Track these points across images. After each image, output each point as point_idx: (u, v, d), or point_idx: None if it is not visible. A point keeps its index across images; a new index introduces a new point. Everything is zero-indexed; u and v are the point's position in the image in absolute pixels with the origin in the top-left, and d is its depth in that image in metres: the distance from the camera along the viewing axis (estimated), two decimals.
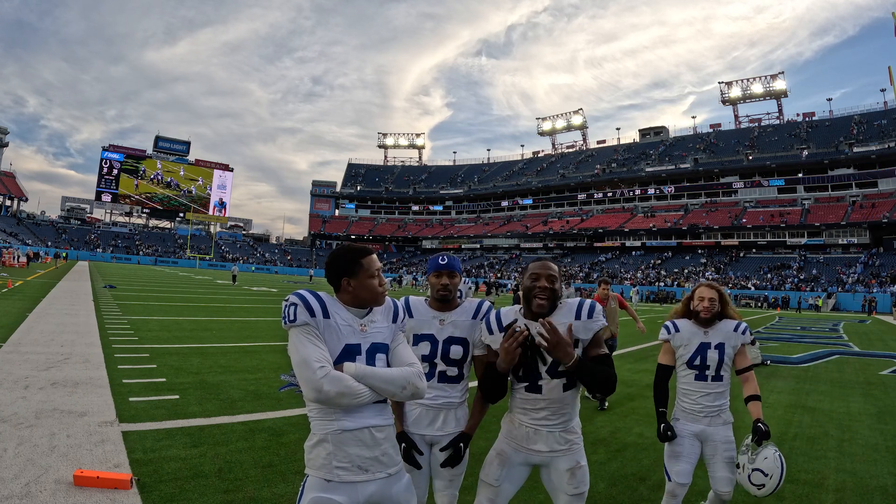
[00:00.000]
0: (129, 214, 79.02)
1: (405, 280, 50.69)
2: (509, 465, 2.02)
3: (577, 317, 1.96)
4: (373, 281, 1.71)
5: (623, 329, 11.82)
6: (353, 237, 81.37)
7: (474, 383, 2.01)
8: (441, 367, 2.14)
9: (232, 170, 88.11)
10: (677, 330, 2.71)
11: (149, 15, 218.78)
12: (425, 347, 2.17)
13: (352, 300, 1.71)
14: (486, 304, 2.27)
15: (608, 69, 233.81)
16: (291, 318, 1.62)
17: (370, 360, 1.67)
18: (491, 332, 2.04)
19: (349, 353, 1.65)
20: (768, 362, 9.54)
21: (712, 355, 2.60)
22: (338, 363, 1.61)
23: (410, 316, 2.24)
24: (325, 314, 1.65)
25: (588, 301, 2.02)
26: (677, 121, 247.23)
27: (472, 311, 2.21)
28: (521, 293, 2.03)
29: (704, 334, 2.66)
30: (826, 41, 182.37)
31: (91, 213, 78.34)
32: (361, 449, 1.59)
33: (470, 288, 13.62)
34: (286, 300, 1.65)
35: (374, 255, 1.76)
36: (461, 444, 2.07)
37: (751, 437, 2.51)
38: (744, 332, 2.66)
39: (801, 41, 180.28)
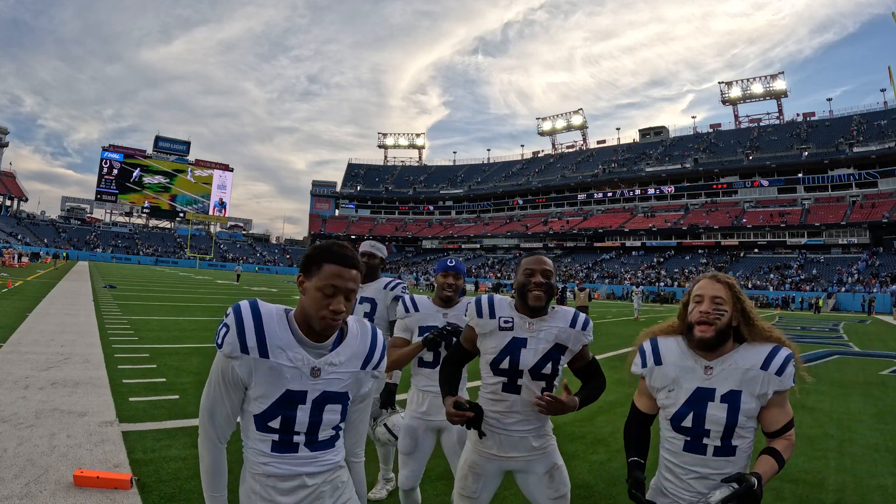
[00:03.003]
0: (129, 214, 79.03)
1: (406, 280, 50.89)
2: (484, 476, 1.91)
3: (572, 325, 1.88)
4: (318, 295, 1.32)
5: (624, 328, 11.83)
6: (353, 237, 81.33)
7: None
8: (444, 354, 2.41)
9: (232, 170, 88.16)
10: (657, 361, 1.60)
11: (144, 14, 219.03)
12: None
13: (301, 316, 1.37)
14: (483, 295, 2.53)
15: (606, 67, 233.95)
16: (218, 341, 1.33)
17: (316, 413, 1.35)
18: (480, 315, 1.92)
19: (289, 400, 1.33)
20: None
21: (715, 413, 1.49)
22: (273, 411, 1.33)
23: (416, 310, 2.53)
24: (263, 352, 1.30)
25: (583, 315, 1.93)
26: (676, 120, 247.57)
27: (464, 307, 2.51)
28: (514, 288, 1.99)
29: (705, 372, 1.52)
30: (826, 38, 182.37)
31: (91, 213, 78.40)
32: (288, 497, 1.36)
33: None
34: (226, 313, 1.34)
35: (347, 269, 1.34)
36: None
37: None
38: (781, 369, 1.47)
39: (801, 38, 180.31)
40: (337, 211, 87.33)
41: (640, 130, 75.31)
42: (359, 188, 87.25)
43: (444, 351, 2.46)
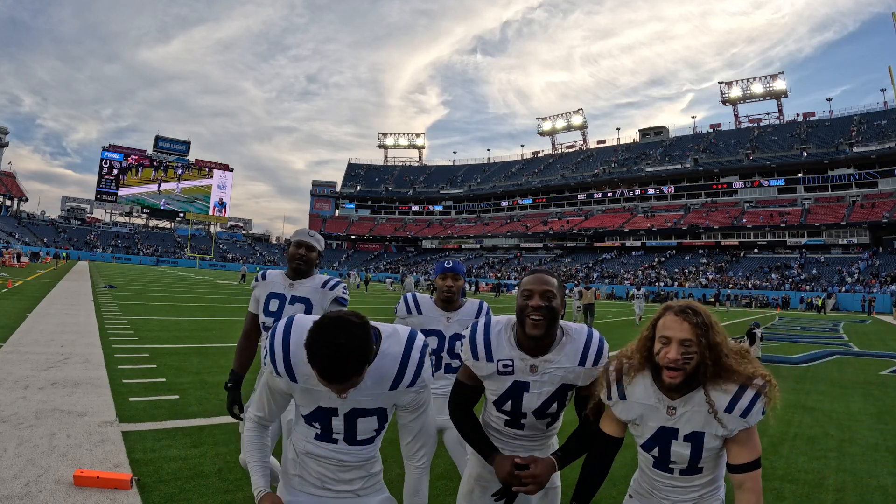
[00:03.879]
0: (129, 214, 79.05)
1: (408, 281, 49.62)
2: (490, 489, 1.85)
3: (581, 362, 1.64)
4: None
5: (625, 330, 11.82)
6: (353, 237, 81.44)
7: None
8: (447, 359, 2.46)
9: (232, 170, 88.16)
10: (622, 396, 1.55)
11: (142, 13, 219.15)
12: (433, 342, 2.45)
13: None
14: (486, 305, 2.54)
15: (605, 66, 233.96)
16: (264, 360, 1.51)
17: (350, 423, 1.48)
18: (476, 356, 1.70)
19: (323, 412, 1.48)
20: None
21: (679, 450, 1.50)
22: (313, 416, 1.50)
23: (419, 312, 2.52)
24: (293, 378, 1.44)
25: (596, 341, 1.67)
26: (676, 119, 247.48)
27: (474, 311, 2.52)
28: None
29: (668, 413, 1.49)
30: (826, 37, 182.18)
31: (91, 213, 78.41)
32: (321, 468, 1.54)
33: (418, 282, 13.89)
34: (272, 330, 1.49)
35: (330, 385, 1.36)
36: None
37: None
38: (746, 411, 1.42)
39: (801, 37, 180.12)
40: (337, 211, 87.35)
41: (640, 130, 75.36)
42: (359, 188, 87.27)
43: (445, 356, 2.43)
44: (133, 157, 79.46)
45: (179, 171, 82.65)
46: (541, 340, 1.62)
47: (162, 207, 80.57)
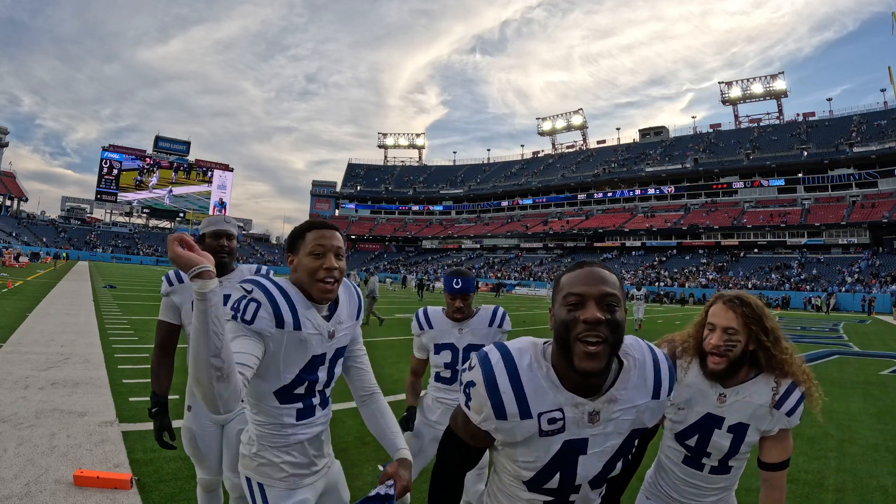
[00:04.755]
0: (128, 214, 79.05)
1: (372, 281, 46.41)
2: None
3: (656, 393, 1.12)
4: (310, 259, 1.38)
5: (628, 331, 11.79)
6: (353, 237, 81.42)
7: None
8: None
9: (232, 170, 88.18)
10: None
11: (140, 13, 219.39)
12: (447, 355, 2.35)
13: (299, 286, 1.43)
14: (501, 310, 2.42)
15: (604, 66, 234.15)
16: (247, 318, 1.30)
17: (331, 370, 1.50)
18: (502, 415, 1.06)
19: (313, 365, 1.43)
20: None
21: (720, 441, 1.48)
22: (300, 378, 1.41)
23: (430, 327, 2.40)
24: (297, 325, 1.36)
25: (665, 360, 1.15)
26: (676, 119, 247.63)
27: (487, 319, 2.37)
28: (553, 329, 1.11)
29: (719, 400, 1.48)
30: (826, 37, 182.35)
31: (91, 213, 78.41)
32: (304, 456, 1.50)
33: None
34: (243, 286, 1.34)
35: (329, 231, 1.42)
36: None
37: None
38: (793, 410, 1.44)
39: (801, 37, 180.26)
40: (337, 211, 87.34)
41: (640, 130, 75.36)
42: (359, 188, 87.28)
43: (461, 369, 2.30)
44: (135, 160, 79.42)
45: (174, 177, 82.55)
46: (595, 381, 1.05)
47: (167, 202, 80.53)
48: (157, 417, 2.17)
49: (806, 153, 54.05)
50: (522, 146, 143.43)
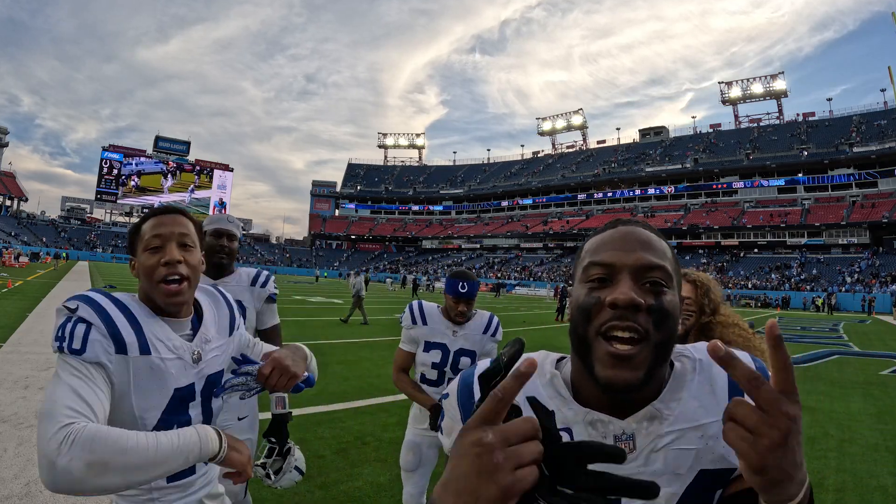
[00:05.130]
0: (128, 214, 79.06)
1: (354, 280, 44.13)
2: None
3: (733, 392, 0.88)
4: (146, 256, 1.10)
5: None
6: (352, 237, 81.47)
7: None
8: (450, 375, 2.25)
9: (232, 170, 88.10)
10: None
11: (140, 12, 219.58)
12: (436, 355, 2.25)
13: (144, 300, 1.12)
14: (496, 319, 2.36)
15: (604, 65, 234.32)
16: (76, 346, 0.97)
17: (206, 405, 1.16)
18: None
19: (181, 401, 1.09)
20: None
21: None
22: (164, 423, 1.06)
23: (424, 323, 2.28)
24: (144, 348, 1.03)
25: (745, 357, 0.73)
26: (676, 119, 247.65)
27: (482, 326, 2.30)
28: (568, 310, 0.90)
29: None
30: (826, 36, 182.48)
31: (91, 213, 78.43)
32: None
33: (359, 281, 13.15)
34: (66, 305, 1.04)
35: (166, 216, 1.15)
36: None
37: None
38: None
39: (801, 36, 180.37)
40: (337, 211, 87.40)
41: (640, 130, 75.42)
42: (359, 188, 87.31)
43: (449, 372, 2.22)
44: (158, 163, 79.42)
45: (169, 183, 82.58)
46: (633, 391, 0.67)
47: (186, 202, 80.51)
48: None
49: (806, 153, 54.07)
50: (522, 146, 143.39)
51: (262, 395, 2.00)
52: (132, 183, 78.07)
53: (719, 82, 67.83)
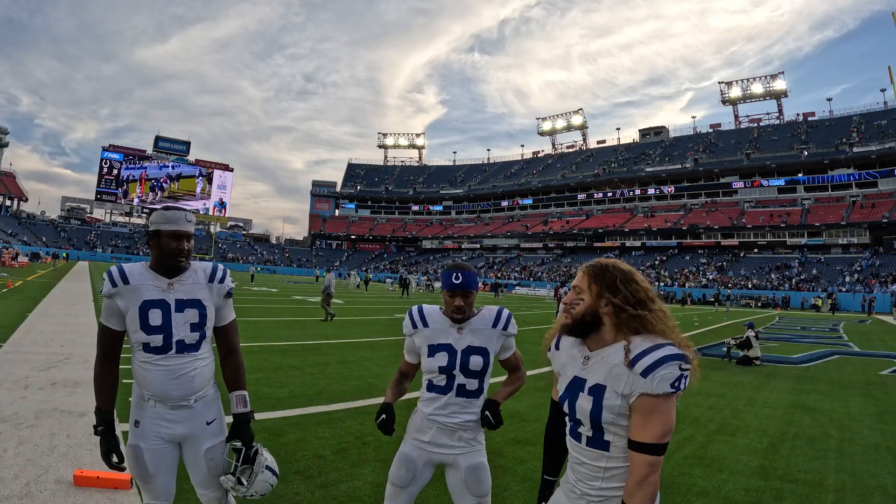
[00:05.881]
0: (128, 214, 79.05)
1: (413, 285, 40.43)
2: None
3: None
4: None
5: None
6: (353, 237, 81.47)
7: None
8: (460, 379, 1.97)
9: (232, 170, 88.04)
10: (556, 346, 1.61)
11: (138, 12, 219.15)
12: (443, 358, 1.98)
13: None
14: (506, 311, 2.08)
15: (603, 65, 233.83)
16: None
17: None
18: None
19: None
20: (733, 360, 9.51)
21: (583, 404, 1.43)
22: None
23: (425, 325, 2.05)
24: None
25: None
26: (675, 118, 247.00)
27: (491, 319, 2.04)
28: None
29: (583, 362, 1.48)
30: (826, 35, 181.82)
31: (91, 213, 78.41)
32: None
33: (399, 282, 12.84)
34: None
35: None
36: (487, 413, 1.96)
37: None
38: (648, 370, 1.30)
39: (801, 35, 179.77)
40: (337, 211, 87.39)
41: (639, 130, 75.42)
42: (359, 188, 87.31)
43: (459, 375, 1.98)
44: (177, 166, 79.40)
45: (166, 187, 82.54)
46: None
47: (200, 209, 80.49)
48: (106, 437, 1.87)
49: (806, 153, 54.07)
50: (522, 146, 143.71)
51: (225, 398, 1.99)
52: (149, 185, 77.94)
53: (719, 82, 67.91)
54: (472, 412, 1.97)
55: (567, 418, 1.52)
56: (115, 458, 1.87)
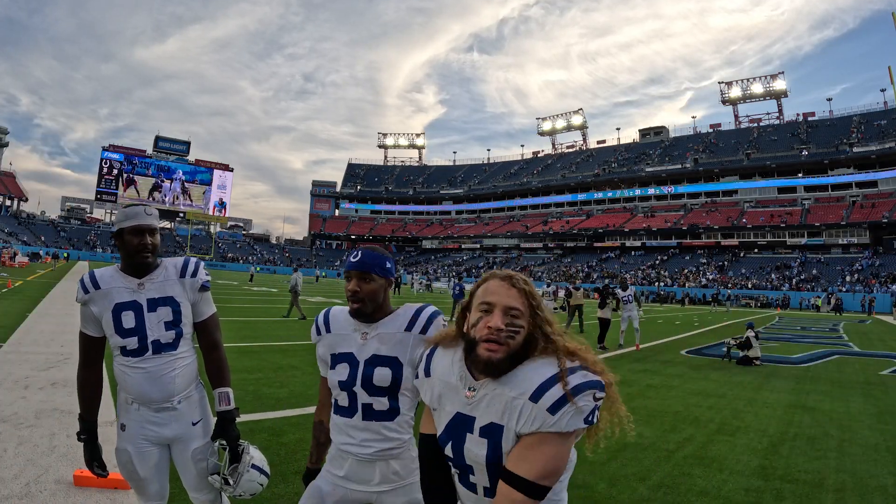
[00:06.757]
0: None
1: (416, 286, 40.40)
2: None
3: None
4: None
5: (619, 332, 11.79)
6: (353, 237, 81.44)
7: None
8: (364, 397, 1.52)
9: (232, 170, 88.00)
10: (427, 372, 1.29)
11: (137, 12, 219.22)
12: (343, 371, 1.55)
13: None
14: (430, 310, 1.59)
15: (603, 64, 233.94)
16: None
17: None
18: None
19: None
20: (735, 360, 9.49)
21: (473, 448, 1.14)
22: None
23: (328, 331, 1.63)
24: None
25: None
26: (675, 118, 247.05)
27: (404, 321, 1.56)
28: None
29: (468, 394, 1.16)
30: (826, 34, 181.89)
31: (91, 213, 78.44)
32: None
33: (421, 283, 12.54)
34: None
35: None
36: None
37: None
38: (557, 406, 1.04)
39: (801, 35, 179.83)
40: (337, 211, 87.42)
41: (640, 130, 75.48)
42: (359, 188, 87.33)
43: (359, 391, 1.52)
44: (136, 166, 79.42)
45: (177, 188, 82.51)
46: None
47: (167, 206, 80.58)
48: (89, 445, 1.85)
49: (806, 153, 54.07)
50: (522, 146, 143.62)
51: (210, 395, 1.96)
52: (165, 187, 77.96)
53: (719, 82, 67.95)
54: (390, 439, 1.52)
55: (451, 464, 1.20)
56: (97, 467, 1.86)
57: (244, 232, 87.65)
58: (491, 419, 1.11)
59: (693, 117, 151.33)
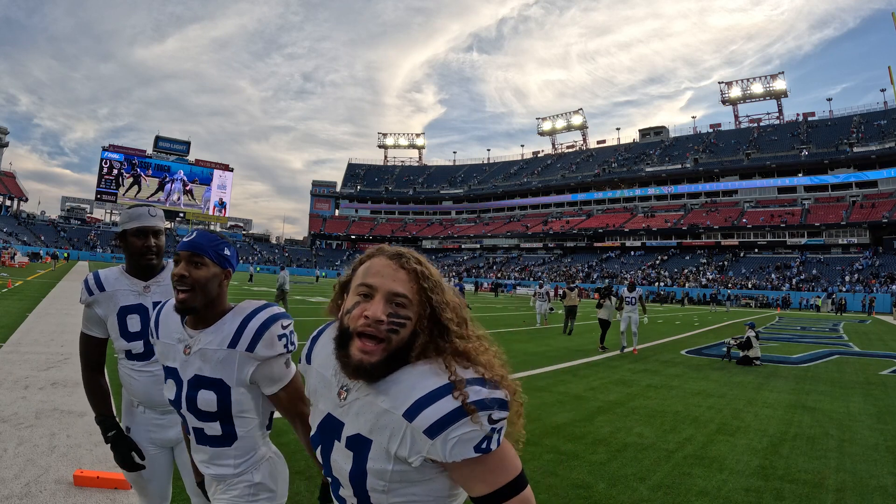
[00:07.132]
0: None
1: (282, 275, 41.29)
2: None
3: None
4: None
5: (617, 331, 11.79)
6: (353, 237, 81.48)
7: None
8: (193, 421, 1.34)
9: (232, 170, 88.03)
10: (308, 359, 1.06)
11: (136, 11, 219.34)
12: (171, 389, 1.37)
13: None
14: (262, 318, 1.31)
15: (602, 64, 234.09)
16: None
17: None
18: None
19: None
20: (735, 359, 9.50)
21: (339, 459, 0.93)
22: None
23: (157, 337, 1.43)
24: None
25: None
26: (675, 118, 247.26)
27: (229, 334, 1.30)
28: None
29: (339, 395, 0.95)
30: (826, 34, 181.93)
31: (91, 213, 78.44)
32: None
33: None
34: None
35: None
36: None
37: None
38: (437, 428, 0.81)
39: (801, 34, 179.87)
40: (337, 211, 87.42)
41: (639, 130, 75.49)
42: (359, 188, 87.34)
43: (187, 414, 1.36)
44: (137, 168, 79.46)
45: (178, 188, 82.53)
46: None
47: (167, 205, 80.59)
48: (119, 442, 1.73)
49: (806, 153, 54.07)
50: (522, 146, 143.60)
51: None
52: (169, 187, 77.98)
53: (719, 82, 68.07)
54: (225, 464, 1.35)
55: (323, 471, 0.99)
56: (137, 459, 1.75)
57: (244, 232, 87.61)
58: (358, 430, 0.89)
59: (693, 117, 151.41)
